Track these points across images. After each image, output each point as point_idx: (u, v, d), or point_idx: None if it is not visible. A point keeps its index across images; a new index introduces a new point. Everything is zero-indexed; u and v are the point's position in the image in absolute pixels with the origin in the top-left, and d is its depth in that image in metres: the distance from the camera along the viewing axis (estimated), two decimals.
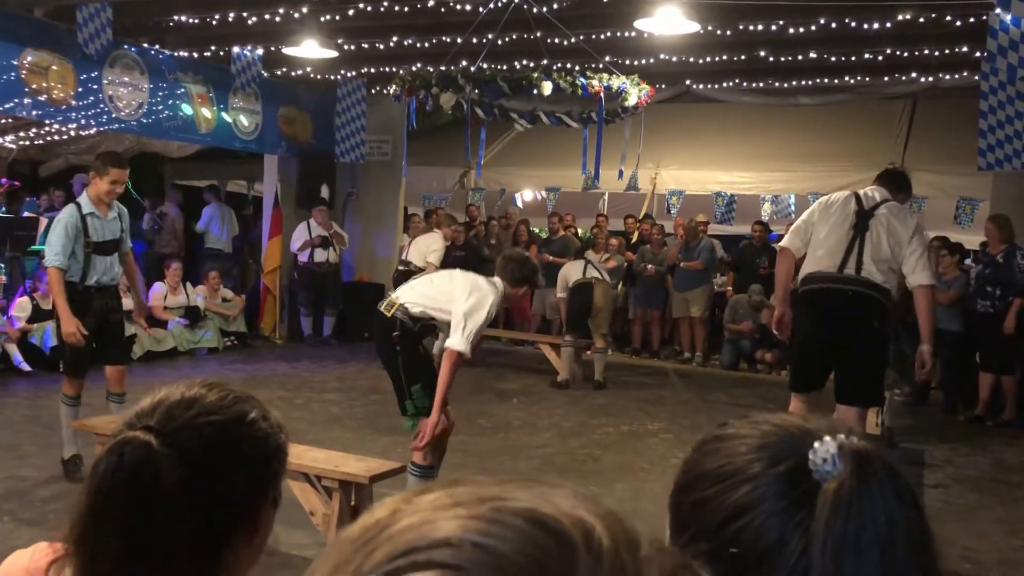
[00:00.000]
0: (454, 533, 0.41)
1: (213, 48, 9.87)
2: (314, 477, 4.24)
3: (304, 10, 7.95)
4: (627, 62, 8.98)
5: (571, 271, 9.12)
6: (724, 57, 9.24)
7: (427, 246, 10.05)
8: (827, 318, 4.72)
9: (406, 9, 7.87)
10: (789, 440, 0.75)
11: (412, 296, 4.32)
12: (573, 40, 7.97)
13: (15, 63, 8.01)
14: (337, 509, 4.15)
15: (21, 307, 8.56)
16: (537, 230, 12.59)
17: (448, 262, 9.73)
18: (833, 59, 9.15)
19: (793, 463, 0.73)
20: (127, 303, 6.29)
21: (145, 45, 9.48)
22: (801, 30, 7.99)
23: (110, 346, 5.42)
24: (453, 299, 4.19)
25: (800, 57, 9.02)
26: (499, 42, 8.12)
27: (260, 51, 9.89)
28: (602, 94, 7.22)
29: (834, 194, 4.96)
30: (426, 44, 9.09)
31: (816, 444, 0.72)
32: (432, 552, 0.40)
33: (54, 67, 8.37)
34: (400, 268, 10.08)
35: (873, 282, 4.62)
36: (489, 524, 0.41)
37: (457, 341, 4.12)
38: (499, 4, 7.20)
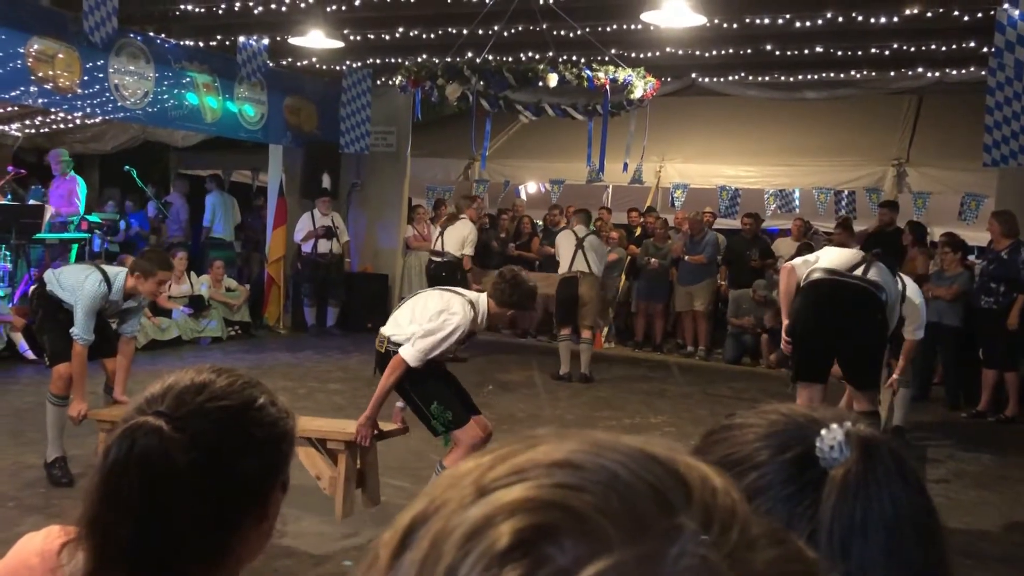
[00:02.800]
0: (574, 457, 0.42)
1: (219, 37, 9.87)
2: (317, 441, 4.23)
3: (310, 0, 7.95)
4: (633, 55, 8.97)
5: (563, 247, 8.98)
6: (730, 50, 9.23)
7: (461, 236, 9.83)
8: (831, 306, 4.93)
9: (412, 0, 7.86)
10: (796, 428, 0.75)
11: (395, 328, 4.42)
12: (579, 32, 7.96)
13: (21, 51, 8.02)
14: (344, 470, 4.13)
15: None
16: (540, 223, 12.58)
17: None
18: (839, 53, 9.13)
19: (800, 450, 0.73)
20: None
21: (151, 34, 9.48)
22: (807, 24, 7.97)
23: (99, 341, 5.13)
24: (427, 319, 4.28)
25: (806, 51, 9.00)
26: (505, 33, 8.11)
27: (266, 41, 9.89)
28: (608, 86, 7.22)
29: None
30: (432, 35, 9.08)
31: (823, 432, 0.73)
32: (552, 469, 0.42)
33: (60, 55, 8.37)
34: (435, 260, 9.87)
35: (876, 281, 4.94)
36: (608, 452, 0.42)
37: (408, 352, 4.21)
38: None
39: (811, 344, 4.98)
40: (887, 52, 8.88)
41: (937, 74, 9.45)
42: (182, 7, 8.71)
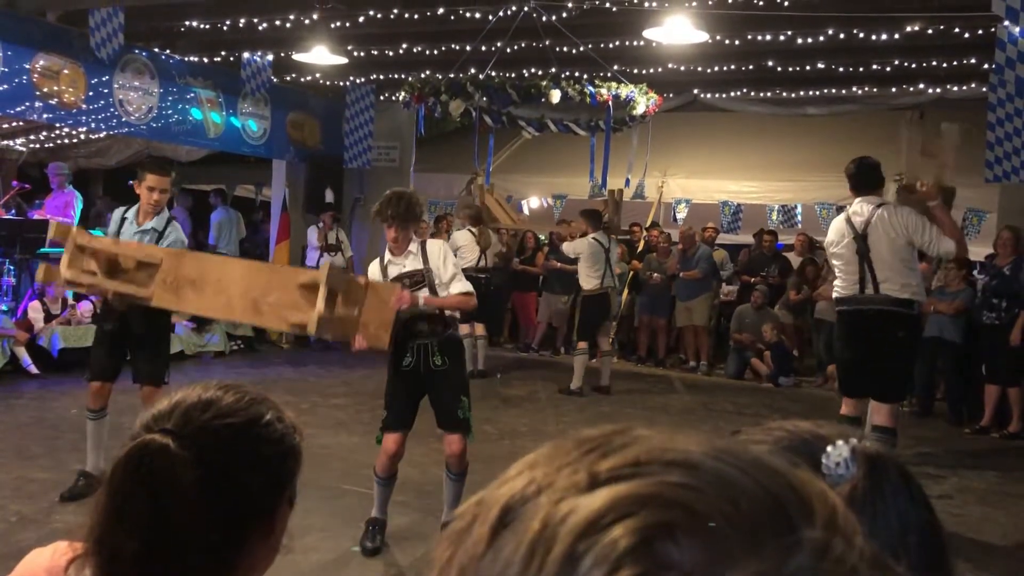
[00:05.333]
0: (692, 458, 0.41)
1: (224, 53, 9.92)
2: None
3: (314, 17, 8.00)
4: (635, 71, 9.01)
5: (593, 259, 8.65)
6: (732, 67, 9.27)
7: (495, 242, 9.67)
8: (856, 335, 5.33)
9: (416, 17, 7.91)
10: (802, 445, 0.76)
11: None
12: (582, 48, 8.01)
13: (27, 67, 8.07)
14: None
15: (35, 308, 8.66)
16: (543, 237, 12.60)
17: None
18: (841, 70, 9.18)
19: (806, 467, 0.74)
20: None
21: (156, 50, 9.54)
22: (809, 40, 8.01)
23: (138, 360, 5.10)
24: None
25: (808, 67, 9.05)
26: (508, 50, 8.15)
27: (270, 57, 9.95)
28: (610, 102, 7.26)
29: (831, 227, 5.55)
30: (435, 51, 9.13)
31: (829, 448, 0.73)
32: (671, 467, 0.40)
33: (65, 71, 8.42)
34: (483, 276, 9.36)
35: (893, 297, 5.15)
36: (726, 456, 0.41)
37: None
38: (508, 12, 7.24)
39: (848, 367, 5.45)
40: (888, 68, 8.93)
41: (938, 90, 9.49)
42: (187, 23, 8.77)
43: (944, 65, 8.68)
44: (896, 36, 7.69)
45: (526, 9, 7.09)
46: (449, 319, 4.44)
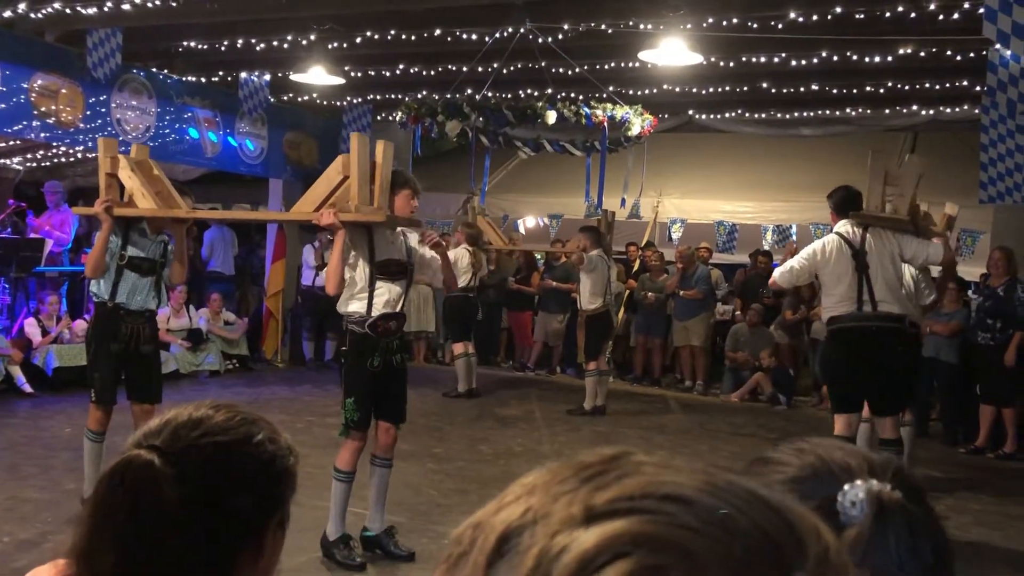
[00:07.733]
0: (687, 493, 0.40)
1: (221, 73, 9.98)
2: None
3: (312, 38, 8.05)
4: (631, 92, 9.07)
5: (600, 276, 8.61)
6: (727, 88, 9.33)
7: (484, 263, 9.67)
8: (856, 352, 5.33)
9: (412, 38, 7.97)
10: (827, 475, 0.74)
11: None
12: (577, 70, 8.06)
13: (25, 86, 8.10)
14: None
15: (31, 325, 8.66)
16: (539, 257, 12.61)
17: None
18: (834, 91, 9.24)
19: (818, 502, 0.71)
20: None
21: (154, 69, 9.58)
22: (803, 62, 8.07)
23: (138, 381, 5.12)
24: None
25: (802, 89, 9.11)
26: (504, 71, 8.20)
27: (268, 77, 10.00)
28: (606, 123, 7.30)
29: (821, 244, 5.45)
30: (432, 72, 9.18)
31: (846, 486, 0.72)
32: (666, 503, 0.40)
33: (63, 90, 8.46)
34: (471, 296, 9.42)
35: (892, 314, 5.27)
36: (721, 492, 0.41)
37: None
38: (505, 34, 7.29)
39: (845, 384, 5.44)
40: (882, 90, 9.00)
41: (931, 112, 9.56)
42: (185, 44, 8.82)
43: (937, 87, 8.75)
44: (889, 59, 7.75)
45: (522, 31, 7.14)
46: (405, 315, 4.78)
